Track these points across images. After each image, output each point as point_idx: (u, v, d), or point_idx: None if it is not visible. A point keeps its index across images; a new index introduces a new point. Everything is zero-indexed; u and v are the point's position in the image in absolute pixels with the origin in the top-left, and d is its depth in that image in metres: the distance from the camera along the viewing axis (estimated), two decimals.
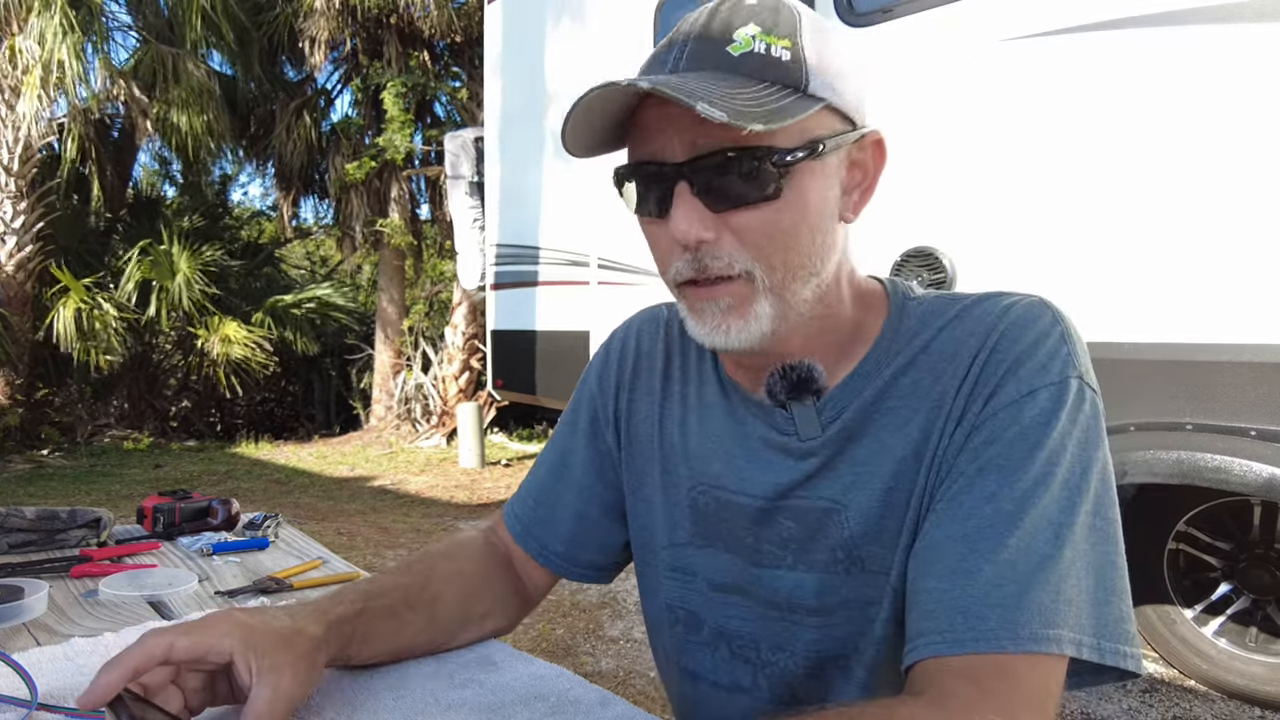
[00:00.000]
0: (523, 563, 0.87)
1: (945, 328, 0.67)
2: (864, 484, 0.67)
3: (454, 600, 0.79)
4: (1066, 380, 0.61)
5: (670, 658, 0.81)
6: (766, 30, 0.61)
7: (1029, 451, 0.60)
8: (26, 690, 0.65)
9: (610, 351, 0.86)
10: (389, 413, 8.91)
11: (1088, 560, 0.58)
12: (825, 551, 0.68)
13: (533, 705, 0.68)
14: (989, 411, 0.62)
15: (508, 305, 4.67)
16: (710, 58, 0.61)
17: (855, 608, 0.68)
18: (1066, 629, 0.55)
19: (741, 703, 0.74)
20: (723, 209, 0.61)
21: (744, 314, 0.63)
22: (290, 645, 0.62)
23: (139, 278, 8.11)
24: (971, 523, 0.59)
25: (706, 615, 0.76)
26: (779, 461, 0.70)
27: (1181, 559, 2.64)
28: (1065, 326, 0.64)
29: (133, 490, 5.96)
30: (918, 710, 0.54)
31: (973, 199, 2.44)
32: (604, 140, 0.65)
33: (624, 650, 2.98)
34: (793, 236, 0.62)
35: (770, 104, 0.57)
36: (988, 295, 0.68)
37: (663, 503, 0.78)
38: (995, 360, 0.63)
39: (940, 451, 0.64)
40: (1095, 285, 2.20)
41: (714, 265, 0.62)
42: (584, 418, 0.86)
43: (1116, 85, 2.18)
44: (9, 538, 1.13)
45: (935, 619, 0.58)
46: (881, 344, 0.69)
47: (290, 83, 9.42)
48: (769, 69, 0.60)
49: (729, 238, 0.61)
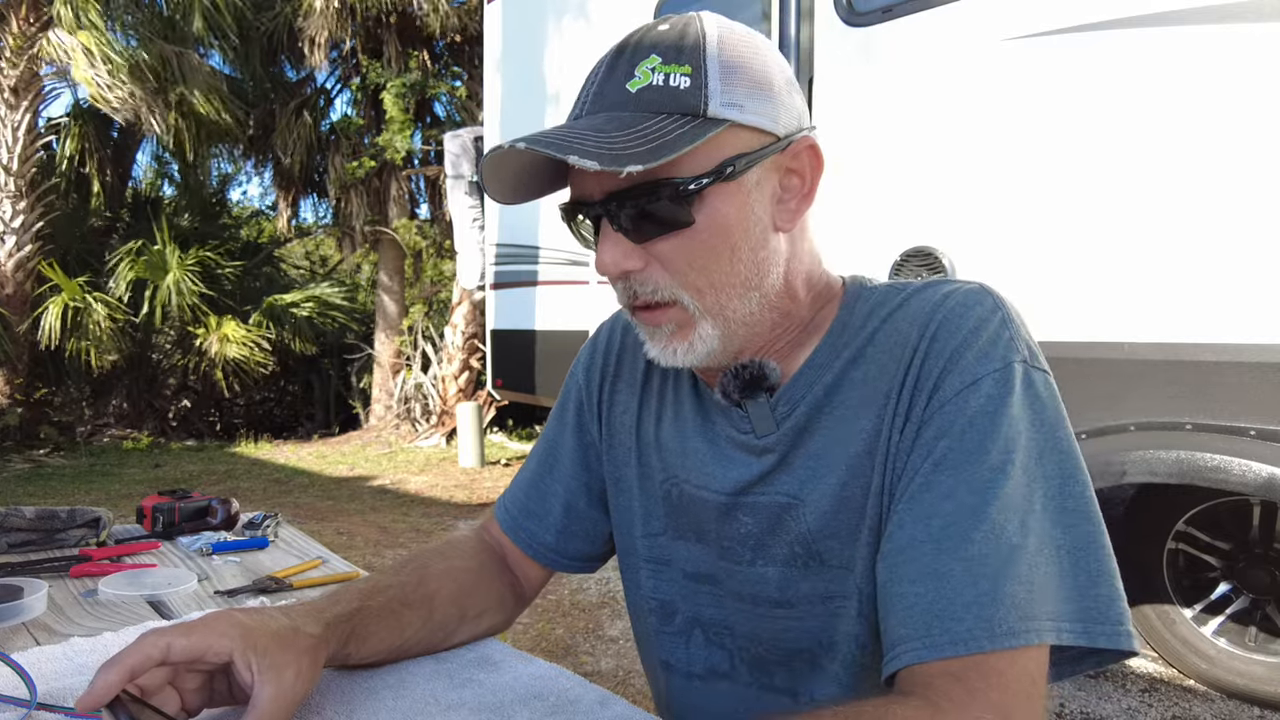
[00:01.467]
0: (516, 558, 0.87)
1: (888, 318, 0.67)
2: (819, 478, 0.67)
3: (450, 598, 0.79)
4: (1010, 365, 0.61)
5: (649, 650, 0.81)
6: (667, 59, 0.62)
7: (980, 442, 0.59)
8: (26, 690, 0.65)
9: (596, 344, 0.88)
10: (388, 412, 8.90)
11: (1059, 544, 0.57)
12: (784, 546, 0.69)
13: (532, 705, 0.68)
14: (935, 405, 0.62)
15: (507, 305, 4.67)
16: (611, 96, 0.63)
17: (818, 602, 0.68)
18: (1044, 618, 0.55)
19: (721, 688, 0.75)
20: (643, 240, 0.63)
21: (687, 337, 0.65)
22: (289, 644, 0.62)
23: (131, 277, 8.11)
24: (935, 522, 0.59)
25: (681, 604, 0.76)
26: (740, 459, 0.71)
27: (1181, 559, 2.64)
28: (1006, 311, 0.64)
29: (132, 490, 5.95)
30: (911, 710, 0.54)
31: (972, 199, 2.44)
32: (542, 184, 0.68)
33: (623, 650, 2.98)
34: (713, 259, 0.63)
35: (657, 139, 0.58)
36: (928, 284, 0.68)
37: (640, 494, 0.79)
38: (935, 351, 0.63)
39: (892, 447, 0.64)
40: (1095, 285, 2.19)
41: (642, 292, 0.65)
42: (571, 409, 0.87)
43: (1116, 85, 2.18)
44: (8, 537, 1.13)
45: (912, 625, 0.58)
46: (831, 336, 0.69)
47: (290, 82, 9.41)
48: (666, 100, 0.61)
49: (655, 266, 0.64)
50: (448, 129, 7.76)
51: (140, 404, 9.37)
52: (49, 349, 7.80)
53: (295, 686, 0.61)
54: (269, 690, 0.59)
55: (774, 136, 0.64)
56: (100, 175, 8.95)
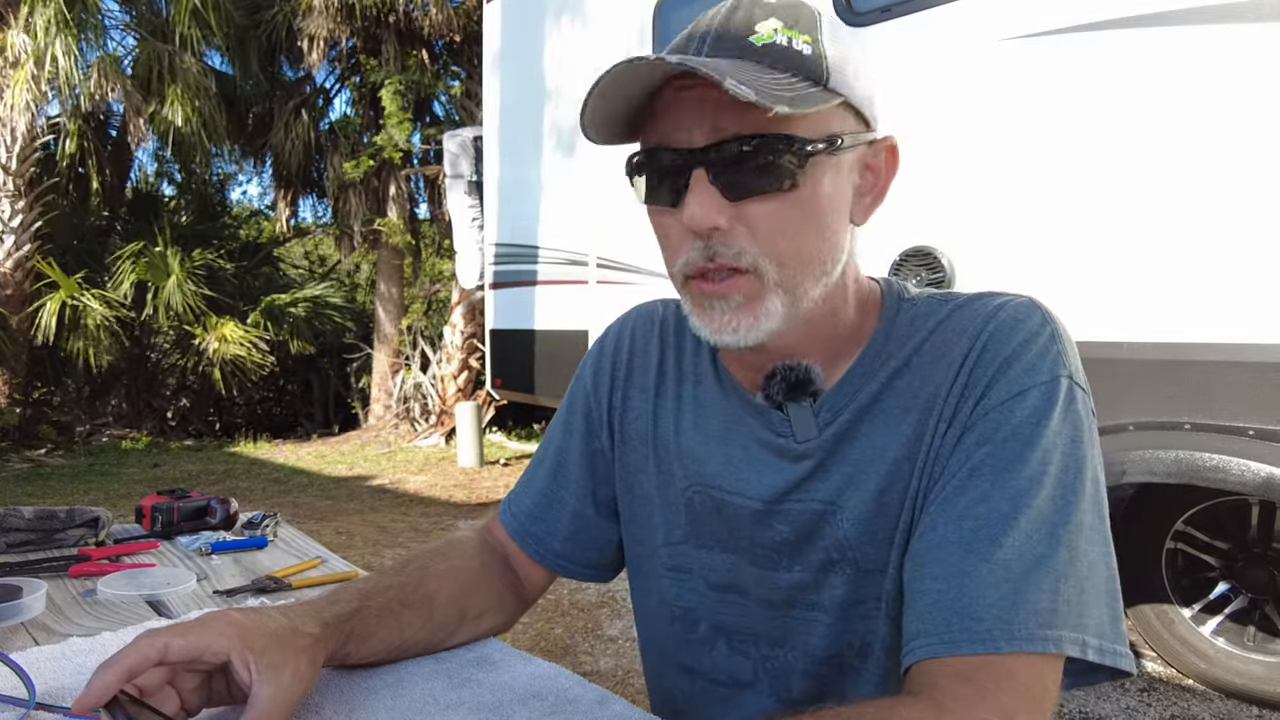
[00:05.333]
0: (520, 561, 0.86)
1: (936, 329, 0.67)
2: (858, 485, 0.67)
3: (450, 599, 0.78)
4: (1057, 379, 0.61)
5: (666, 655, 0.80)
6: (788, 25, 0.61)
7: (1021, 451, 0.59)
8: (24, 690, 0.64)
9: (604, 348, 0.86)
10: (388, 412, 8.90)
11: (1086, 560, 0.58)
12: (820, 552, 0.68)
13: (531, 705, 0.68)
14: (980, 412, 0.62)
15: (506, 304, 4.67)
16: (734, 47, 0.60)
17: (850, 606, 0.68)
18: (1065, 629, 0.55)
19: (743, 698, 0.74)
20: (738, 198, 0.60)
21: (754, 311, 0.62)
22: (287, 643, 0.62)
23: (134, 278, 8.10)
24: (966, 524, 0.59)
25: (703, 613, 0.76)
26: (775, 464, 0.70)
27: (1180, 558, 2.64)
28: (1055, 326, 0.64)
29: (131, 489, 5.95)
30: (915, 711, 0.54)
31: (971, 199, 2.44)
32: (619, 130, 0.64)
33: (622, 649, 2.98)
34: (804, 232, 0.62)
35: (793, 91, 0.57)
36: (978, 295, 0.68)
37: (659, 502, 0.78)
38: (985, 361, 0.63)
39: (933, 453, 0.64)
40: (1094, 284, 2.20)
41: (724, 254, 0.61)
42: (579, 415, 0.85)
43: (1115, 85, 2.18)
44: (7, 537, 1.13)
45: (932, 620, 0.58)
46: (875, 346, 0.69)
47: (288, 81, 9.40)
48: (791, 60, 0.59)
49: (741, 229, 0.61)
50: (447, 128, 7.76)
51: (139, 404, 9.36)
52: (48, 348, 7.80)
53: (293, 686, 0.60)
54: (267, 690, 0.58)
55: (869, 127, 0.65)
56: (100, 175, 8.94)
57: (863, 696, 0.68)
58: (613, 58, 2.51)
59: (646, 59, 0.56)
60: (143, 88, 7.94)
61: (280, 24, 8.51)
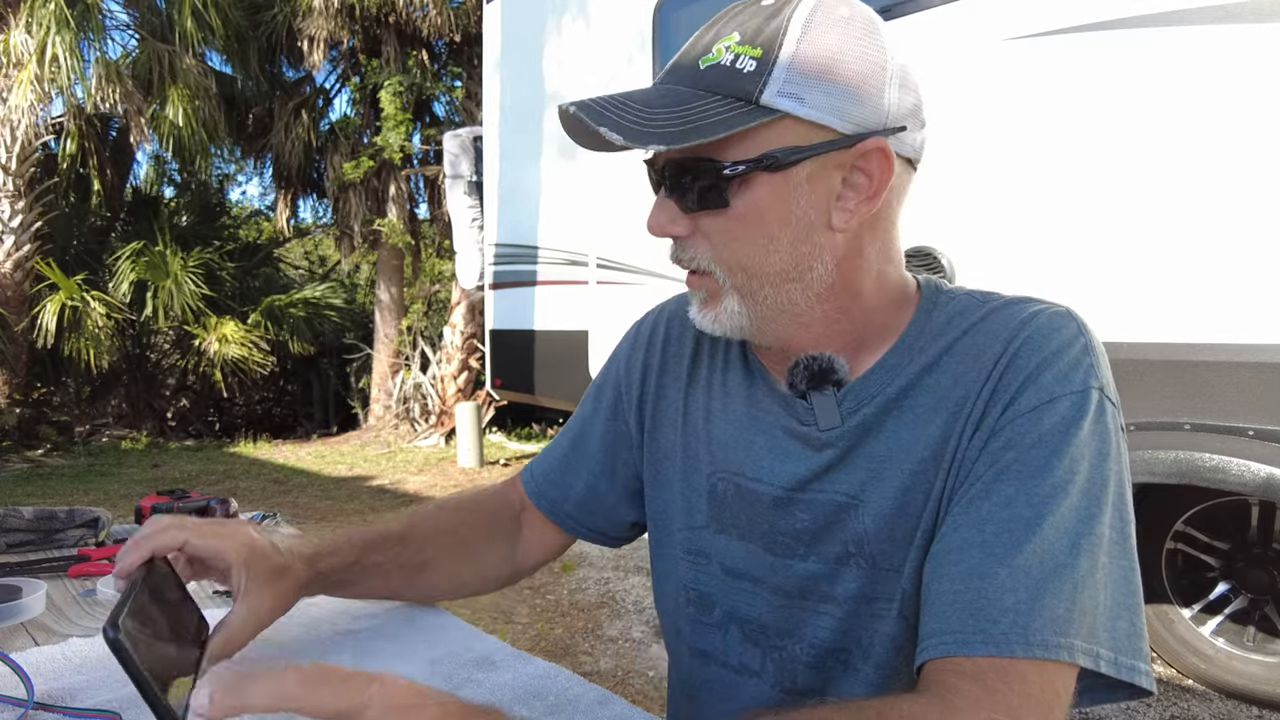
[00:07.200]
0: (532, 519, 0.90)
1: (970, 329, 0.67)
2: (881, 480, 0.67)
3: (445, 571, 0.86)
4: (1088, 390, 0.61)
5: (682, 637, 0.81)
6: (743, 40, 0.62)
7: (1047, 458, 0.59)
8: (24, 689, 0.65)
9: (640, 335, 0.87)
10: (387, 412, 8.90)
11: (1106, 572, 0.57)
12: (838, 544, 0.69)
13: (531, 704, 0.68)
14: (1009, 417, 0.62)
15: (506, 305, 4.67)
16: (683, 70, 0.65)
17: (863, 602, 0.68)
18: (1080, 639, 0.55)
19: (748, 685, 0.75)
20: (690, 211, 0.65)
21: (714, 307, 0.68)
22: (277, 578, 0.72)
23: (133, 278, 8.10)
24: (988, 528, 0.59)
25: (719, 598, 0.76)
26: (798, 452, 0.71)
27: (1179, 558, 2.65)
28: (1089, 339, 0.64)
29: (131, 490, 5.95)
30: (920, 707, 0.54)
31: (972, 199, 2.44)
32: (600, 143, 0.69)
33: (623, 650, 2.98)
34: (747, 245, 0.64)
35: (697, 120, 0.59)
36: (1016, 300, 0.68)
37: (681, 486, 0.79)
38: (1017, 366, 0.63)
39: (959, 455, 0.64)
40: (1094, 284, 2.20)
41: (683, 258, 0.68)
42: (607, 397, 0.88)
43: (1116, 85, 2.18)
44: (7, 537, 1.13)
45: (947, 620, 0.58)
46: (907, 340, 0.69)
47: (288, 82, 9.40)
48: (724, 82, 0.61)
49: (699, 237, 0.66)
50: (447, 129, 7.76)
51: (139, 404, 9.36)
52: (48, 349, 7.80)
53: (264, 618, 0.71)
54: (243, 611, 0.69)
55: (836, 134, 0.62)
56: (100, 175, 8.94)
57: (867, 694, 0.68)
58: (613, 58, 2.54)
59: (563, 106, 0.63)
60: (143, 88, 7.94)
61: (280, 24, 8.51)
